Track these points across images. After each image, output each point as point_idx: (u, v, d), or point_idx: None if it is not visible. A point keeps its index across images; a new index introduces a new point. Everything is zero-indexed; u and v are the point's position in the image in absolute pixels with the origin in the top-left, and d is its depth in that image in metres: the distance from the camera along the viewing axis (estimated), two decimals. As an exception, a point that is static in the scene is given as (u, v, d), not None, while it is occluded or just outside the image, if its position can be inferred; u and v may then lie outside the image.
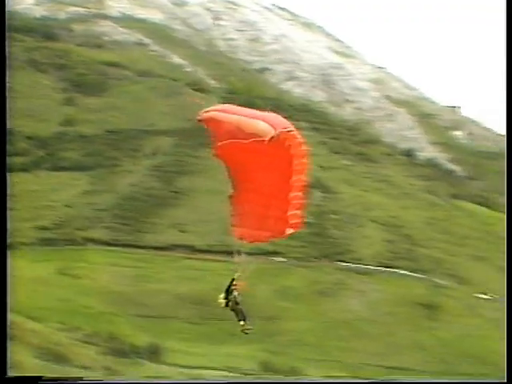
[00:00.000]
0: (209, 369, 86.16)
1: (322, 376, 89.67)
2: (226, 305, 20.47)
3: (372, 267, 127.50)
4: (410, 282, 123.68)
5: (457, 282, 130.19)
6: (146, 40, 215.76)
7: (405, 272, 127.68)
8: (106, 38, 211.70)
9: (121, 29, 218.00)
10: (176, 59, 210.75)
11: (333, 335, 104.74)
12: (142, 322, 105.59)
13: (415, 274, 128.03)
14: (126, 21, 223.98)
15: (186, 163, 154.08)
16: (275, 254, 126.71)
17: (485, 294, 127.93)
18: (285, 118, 16.94)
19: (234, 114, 16.96)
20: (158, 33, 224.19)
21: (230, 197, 18.16)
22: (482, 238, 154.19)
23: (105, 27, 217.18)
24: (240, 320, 20.75)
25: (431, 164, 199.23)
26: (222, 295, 20.59)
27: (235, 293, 20.36)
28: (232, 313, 20.62)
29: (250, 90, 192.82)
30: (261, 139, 16.03)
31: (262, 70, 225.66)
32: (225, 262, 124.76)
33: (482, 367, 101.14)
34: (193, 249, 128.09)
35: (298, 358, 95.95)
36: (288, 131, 16.55)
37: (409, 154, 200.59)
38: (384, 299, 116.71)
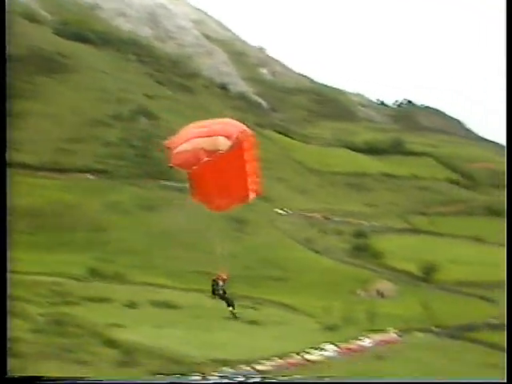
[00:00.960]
0: (41, 274, 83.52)
1: (144, 281, 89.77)
2: (213, 293, 20.52)
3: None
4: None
5: (261, 200, 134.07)
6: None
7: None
8: None
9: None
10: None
11: (157, 245, 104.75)
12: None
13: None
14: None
15: (21, 88, 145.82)
16: (104, 172, 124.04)
17: (282, 210, 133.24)
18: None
19: (195, 138, 18.52)
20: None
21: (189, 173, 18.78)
22: (282, 162, 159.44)
23: None
24: (229, 306, 20.77)
25: (242, 97, 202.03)
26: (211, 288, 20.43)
27: (220, 283, 20.57)
28: (222, 301, 20.65)
29: (81, 23, 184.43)
30: (220, 153, 17.87)
31: (93, 7, 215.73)
32: (56, 179, 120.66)
33: (278, 271, 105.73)
34: (26, 166, 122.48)
35: (123, 265, 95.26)
36: (240, 132, 18.44)
37: (223, 87, 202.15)
38: (201, 213, 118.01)
